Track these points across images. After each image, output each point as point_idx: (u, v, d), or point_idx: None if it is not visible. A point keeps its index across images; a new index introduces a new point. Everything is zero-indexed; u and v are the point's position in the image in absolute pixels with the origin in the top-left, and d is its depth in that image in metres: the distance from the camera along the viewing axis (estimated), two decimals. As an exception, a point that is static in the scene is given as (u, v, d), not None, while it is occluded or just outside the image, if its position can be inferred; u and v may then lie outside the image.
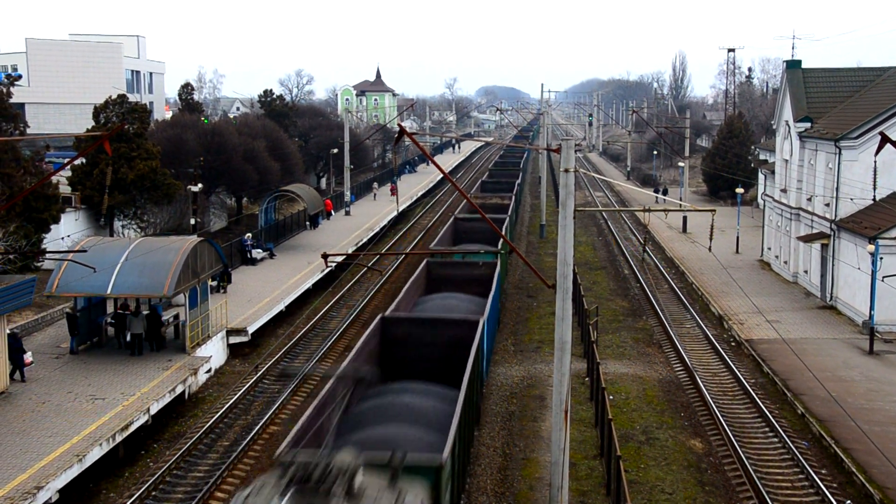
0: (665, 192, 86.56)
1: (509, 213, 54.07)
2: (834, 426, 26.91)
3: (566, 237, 18.04)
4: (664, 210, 18.80)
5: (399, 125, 17.11)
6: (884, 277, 33.74)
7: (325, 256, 20.82)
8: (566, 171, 17.72)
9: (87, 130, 52.04)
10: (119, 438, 24.78)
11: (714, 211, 19.75)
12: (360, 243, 57.99)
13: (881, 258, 35.18)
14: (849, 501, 22.60)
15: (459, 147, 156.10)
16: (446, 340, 26.93)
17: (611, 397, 29.67)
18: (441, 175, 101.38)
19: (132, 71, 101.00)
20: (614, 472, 21.12)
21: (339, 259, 47.06)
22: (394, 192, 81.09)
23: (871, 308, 35.40)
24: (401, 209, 74.50)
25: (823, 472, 24.40)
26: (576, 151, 17.22)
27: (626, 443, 26.20)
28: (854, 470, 23.96)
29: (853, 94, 47.72)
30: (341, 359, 32.13)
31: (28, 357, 29.46)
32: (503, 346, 37.00)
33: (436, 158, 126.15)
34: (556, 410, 18.55)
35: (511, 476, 24.21)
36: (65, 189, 48.76)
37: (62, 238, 44.11)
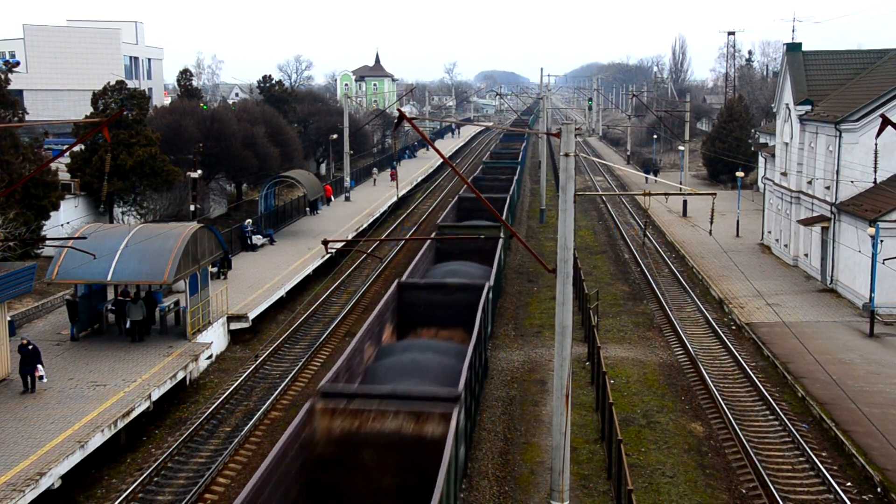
0: (656, 173, 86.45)
1: (503, 216, 47.16)
2: (834, 409, 26.96)
3: (567, 221, 18.01)
4: (664, 194, 18.75)
5: (399, 110, 17.05)
6: (884, 260, 33.73)
7: (325, 243, 20.79)
8: (566, 155, 17.67)
9: (86, 117, 51.96)
10: (121, 425, 24.82)
11: (715, 194, 19.73)
12: (361, 229, 57.96)
13: (882, 241, 35.15)
14: (849, 484, 22.66)
15: (459, 132, 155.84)
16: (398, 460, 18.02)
17: (611, 381, 29.72)
18: (440, 160, 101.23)
19: (130, 57, 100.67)
20: (615, 455, 21.17)
21: (340, 245, 47.08)
22: (394, 177, 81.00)
23: (872, 291, 35.39)
24: (401, 194, 74.37)
25: (824, 454, 24.45)
26: (576, 136, 17.12)
27: (626, 426, 26.25)
28: (854, 452, 24.01)
29: (854, 76, 47.56)
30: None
31: (40, 370, 26.84)
32: (504, 331, 37.02)
33: (435, 143, 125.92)
34: (558, 395, 18.57)
35: (512, 460, 24.26)
36: (64, 176, 48.71)
37: (62, 225, 44.10)
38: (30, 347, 26.72)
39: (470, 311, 27.46)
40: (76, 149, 49.21)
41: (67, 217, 46.40)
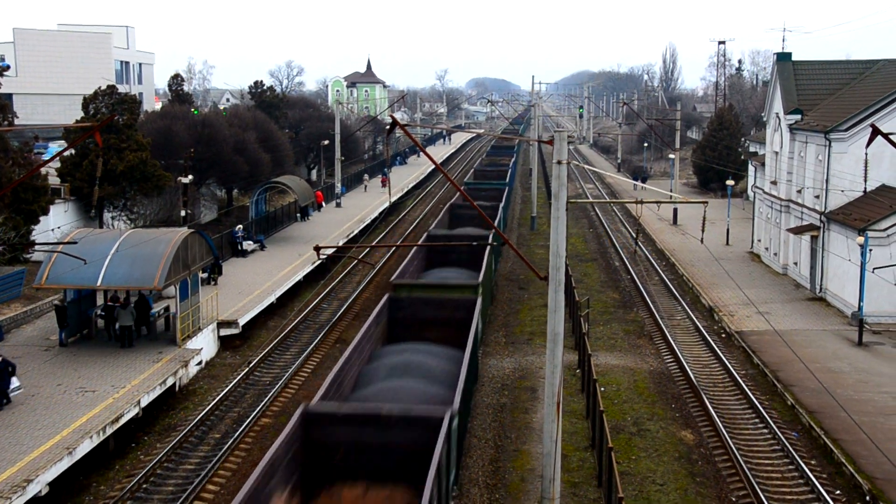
0: (644, 180, 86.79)
1: (483, 266, 34.87)
2: (823, 417, 27.03)
3: (559, 229, 18.03)
4: (657, 202, 18.80)
5: (391, 117, 17.07)
6: (874, 269, 33.86)
7: (317, 249, 20.77)
8: (559, 162, 17.70)
9: (77, 121, 51.80)
10: (109, 431, 24.70)
11: (706, 203, 19.77)
12: (352, 235, 57.91)
13: (870, 250, 35.31)
14: (838, 492, 22.72)
15: (450, 139, 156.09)
16: None
17: (602, 389, 29.74)
18: (431, 167, 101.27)
19: (121, 62, 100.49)
20: (606, 463, 21.18)
21: (331, 251, 47.01)
22: (385, 183, 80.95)
23: (860, 299, 35.52)
24: (392, 200, 74.33)
25: (813, 462, 24.51)
26: (568, 144, 17.15)
27: (617, 434, 26.26)
28: (843, 460, 24.07)
29: (843, 86, 47.80)
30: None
31: (14, 382, 26.02)
32: (494, 338, 37.00)
33: (427, 150, 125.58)
34: (549, 402, 18.56)
35: (503, 468, 24.24)
36: (53, 180, 48.52)
37: (51, 230, 43.94)
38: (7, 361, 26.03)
39: (419, 459, 17.95)
40: (66, 153, 49.03)
41: (57, 222, 46.23)
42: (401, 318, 29.21)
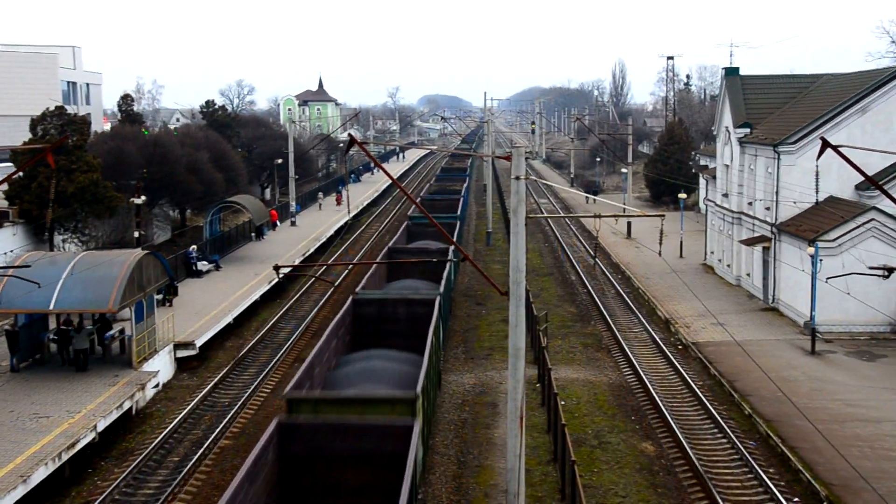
0: (596, 194, 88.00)
1: (428, 347, 25.82)
2: (780, 426, 27.45)
3: (518, 244, 18.13)
4: (614, 216, 19.02)
5: (350, 135, 17.11)
6: (827, 279, 34.50)
7: (276, 268, 20.65)
8: (517, 178, 17.81)
9: (25, 143, 50.93)
10: (65, 457, 24.21)
11: (663, 216, 20.04)
12: (308, 253, 57.61)
13: (821, 260, 36.02)
14: (797, 500, 23.06)
15: (403, 156, 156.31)
16: None
17: (562, 402, 29.86)
18: (385, 184, 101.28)
19: (68, 82, 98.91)
20: (569, 477, 21.27)
21: (287, 270, 46.66)
22: (339, 201, 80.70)
23: (812, 309, 36.19)
24: (348, 217, 74.09)
25: (771, 470, 24.85)
26: (525, 159, 17.32)
27: (578, 447, 26.37)
28: (800, 468, 24.44)
29: (790, 100, 48.84)
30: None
31: None
32: (454, 353, 37.00)
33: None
34: (512, 417, 18.61)
35: (466, 484, 24.21)
36: (1, 203, 47.63)
37: (2, 253, 43.08)
38: None
39: None
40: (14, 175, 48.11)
41: (6, 246, 45.33)
42: (298, 456, 18.59)
